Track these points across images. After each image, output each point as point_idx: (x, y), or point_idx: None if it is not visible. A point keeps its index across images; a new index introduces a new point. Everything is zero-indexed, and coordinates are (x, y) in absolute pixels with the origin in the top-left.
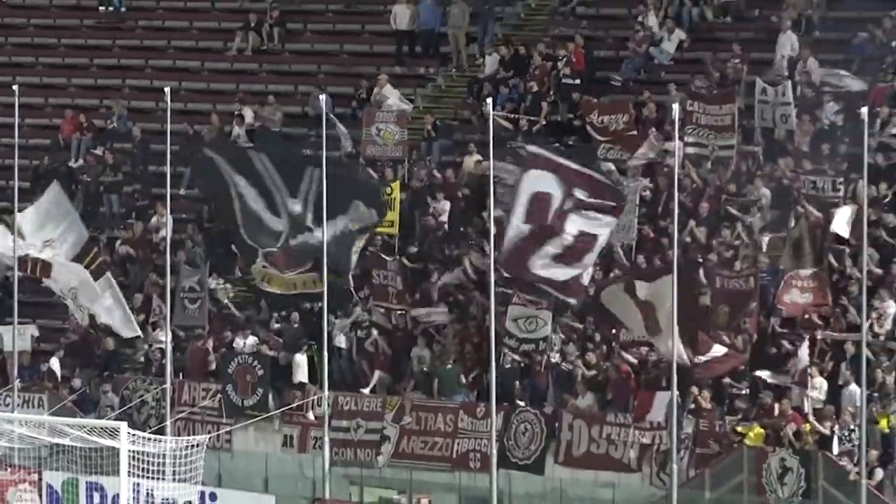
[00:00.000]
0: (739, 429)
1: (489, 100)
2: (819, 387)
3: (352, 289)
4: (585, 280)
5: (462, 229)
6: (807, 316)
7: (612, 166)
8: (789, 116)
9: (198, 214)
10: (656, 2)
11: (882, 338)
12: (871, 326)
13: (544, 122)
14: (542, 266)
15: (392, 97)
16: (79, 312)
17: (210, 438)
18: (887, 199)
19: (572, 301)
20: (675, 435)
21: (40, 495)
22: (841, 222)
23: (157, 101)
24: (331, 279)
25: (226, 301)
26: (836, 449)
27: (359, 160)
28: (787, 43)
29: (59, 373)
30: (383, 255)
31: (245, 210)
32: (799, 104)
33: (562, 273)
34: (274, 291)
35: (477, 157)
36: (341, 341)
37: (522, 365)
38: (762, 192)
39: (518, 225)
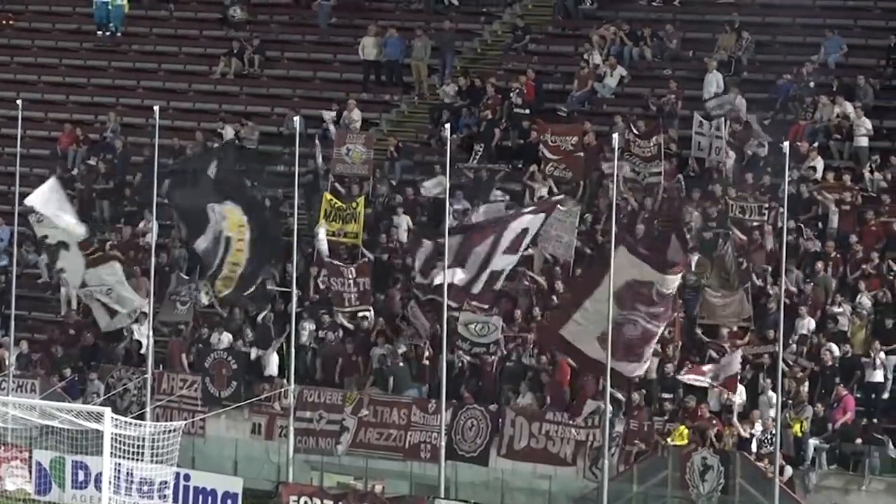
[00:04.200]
0: (669, 440)
1: (447, 125)
2: (740, 393)
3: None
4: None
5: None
6: (729, 329)
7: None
8: (721, 148)
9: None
10: (600, 41)
11: (795, 351)
12: (787, 340)
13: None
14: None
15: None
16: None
17: (185, 424)
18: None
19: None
20: (606, 433)
21: (30, 471)
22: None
23: (147, 117)
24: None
25: (212, 301)
26: (754, 450)
27: (326, 176)
28: (714, 81)
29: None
30: (341, 265)
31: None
32: (727, 137)
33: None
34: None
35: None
36: (306, 340)
37: (470, 366)
38: (693, 216)
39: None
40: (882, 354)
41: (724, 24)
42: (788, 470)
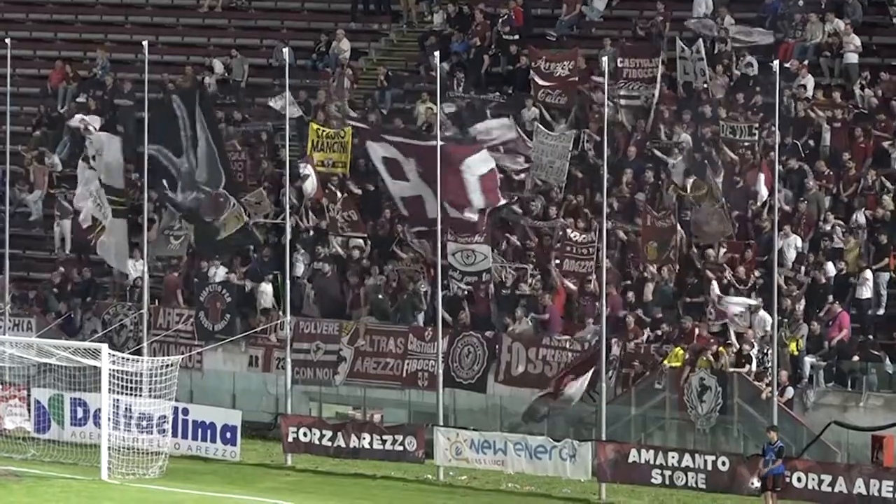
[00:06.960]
0: (665, 361)
1: (436, 53)
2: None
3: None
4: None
5: None
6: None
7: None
8: (705, 70)
9: None
10: None
11: (790, 269)
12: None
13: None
14: None
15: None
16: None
17: (183, 359)
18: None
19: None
20: (603, 356)
21: (29, 409)
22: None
23: (136, 53)
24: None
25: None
26: (754, 369)
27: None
28: (703, 1)
29: None
30: (336, 191)
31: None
32: (715, 58)
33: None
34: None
35: (429, 104)
36: (301, 271)
37: (467, 293)
38: (683, 137)
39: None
40: (868, 272)
41: None
42: (789, 391)
